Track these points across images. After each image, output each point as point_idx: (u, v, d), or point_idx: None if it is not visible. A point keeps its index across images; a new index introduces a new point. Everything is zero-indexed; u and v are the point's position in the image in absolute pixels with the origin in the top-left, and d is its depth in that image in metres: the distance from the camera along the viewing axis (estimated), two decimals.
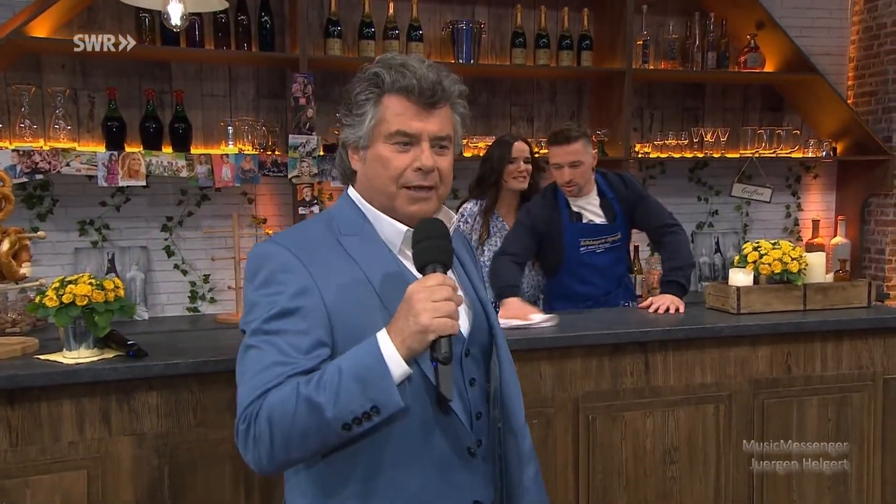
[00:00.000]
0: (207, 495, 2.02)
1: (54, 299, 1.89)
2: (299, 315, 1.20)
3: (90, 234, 3.56)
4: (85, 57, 3.44)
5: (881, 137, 4.42)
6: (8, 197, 1.93)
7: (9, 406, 1.84)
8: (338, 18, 3.70)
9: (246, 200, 3.78)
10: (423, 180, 1.28)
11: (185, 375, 1.99)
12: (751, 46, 4.29)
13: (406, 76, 1.25)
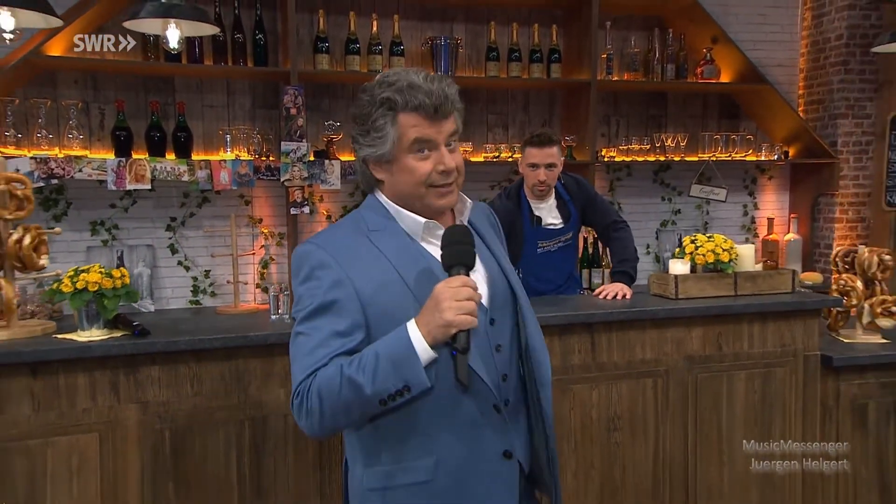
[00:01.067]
0: (203, 456, 2.24)
1: (69, 285, 2.12)
2: (336, 305, 1.34)
3: (101, 234, 3.77)
4: (95, 72, 3.66)
5: (828, 142, 4.64)
6: (29, 198, 2.15)
7: (31, 377, 2.07)
8: (326, 35, 3.90)
9: (243, 202, 3.99)
10: (447, 179, 1.40)
11: (184, 351, 2.21)
12: (707, 59, 4.51)
13: (417, 97, 1.34)
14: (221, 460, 2.26)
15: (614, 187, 4.69)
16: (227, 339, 2.26)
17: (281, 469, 2.30)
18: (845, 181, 4.65)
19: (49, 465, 2.08)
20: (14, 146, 3.37)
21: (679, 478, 2.70)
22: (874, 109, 4.60)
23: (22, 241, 2.14)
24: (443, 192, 1.42)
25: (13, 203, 2.13)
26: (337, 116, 4.01)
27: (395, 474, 1.39)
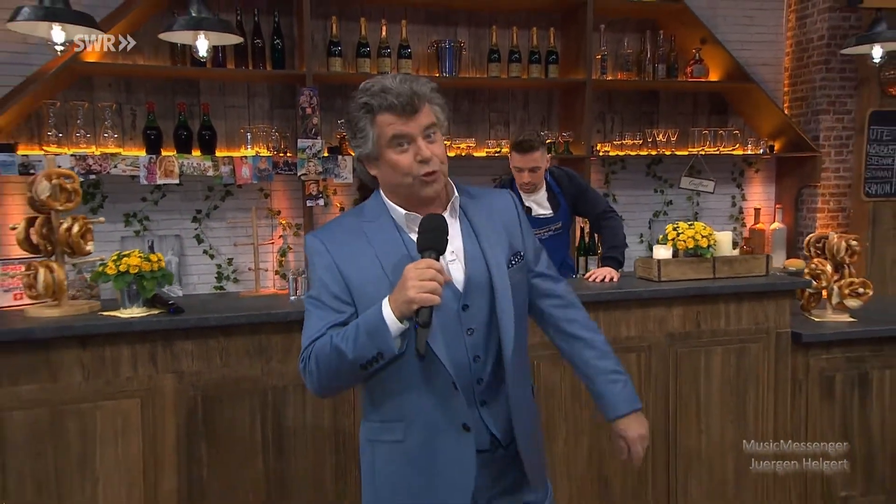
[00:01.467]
0: (231, 420, 2.44)
1: (113, 268, 2.33)
2: (328, 286, 1.49)
3: (133, 225, 3.99)
4: (128, 76, 3.87)
5: (811, 137, 4.78)
6: (77, 191, 2.36)
7: (81, 349, 2.28)
8: (339, 40, 4.09)
9: (262, 195, 4.19)
10: (428, 167, 1.46)
11: (213, 327, 2.41)
12: (696, 59, 4.66)
13: (387, 98, 1.44)
14: (247, 424, 2.46)
15: (609, 180, 4.86)
16: (251, 317, 2.46)
17: (300, 432, 2.50)
18: (827, 173, 4.80)
19: (98, 427, 2.29)
20: (56, 145, 3.58)
21: (661, 443, 2.88)
22: (854, 105, 4.74)
23: (71, 230, 2.36)
24: (427, 180, 1.48)
25: (63, 196, 2.34)
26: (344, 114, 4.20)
27: (379, 430, 1.55)
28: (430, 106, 1.50)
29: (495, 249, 1.58)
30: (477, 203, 1.62)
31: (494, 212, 1.64)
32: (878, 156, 4.67)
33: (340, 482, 2.54)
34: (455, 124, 4.46)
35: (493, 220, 1.62)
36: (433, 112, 1.50)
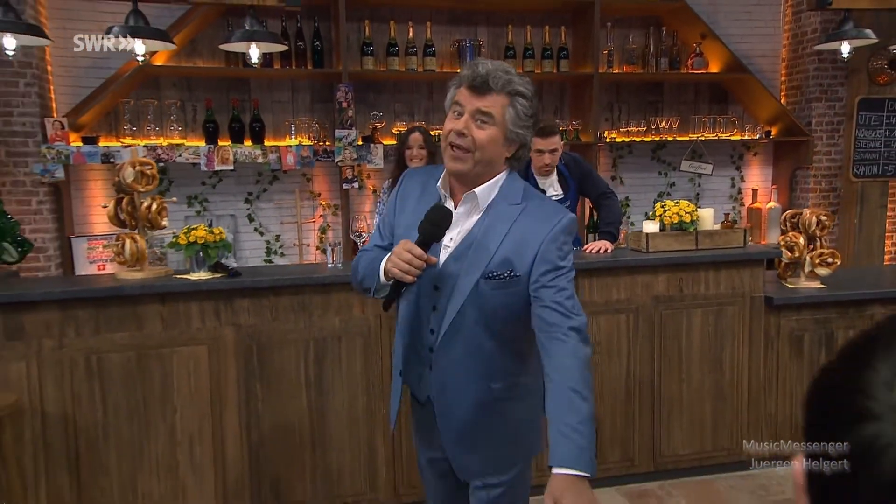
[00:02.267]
0: (280, 365, 2.82)
1: (184, 239, 2.72)
2: (385, 217, 1.71)
3: (195, 206, 4.40)
4: (189, 77, 4.26)
5: (804, 123, 4.96)
6: (155, 176, 2.74)
7: (161, 304, 2.67)
8: (371, 41, 4.41)
9: (305, 179, 4.55)
10: (458, 140, 1.48)
11: (265, 288, 2.78)
12: (696, 53, 4.87)
13: (469, 72, 1.50)
14: (293, 369, 2.83)
15: (617, 164, 5.11)
16: (296, 279, 2.83)
17: (336, 376, 2.87)
18: (819, 156, 4.97)
19: (175, 368, 2.69)
20: (130, 137, 4.00)
21: (647, 390, 3.18)
22: (845, 93, 4.90)
23: (151, 208, 2.74)
24: (454, 155, 1.51)
25: (144, 180, 2.72)
26: (380, 108, 4.54)
27: (396, 354, 1.75)
28: (510, 102, 1.49)
29: (481, 256, 1.54)
30: (513, 212, 1.55)
31: (528, 228, 1.54)
32: (865, 140, 4.83)
33: (371, 417, 2.90)
34: None
35: (511, 233, 1.54)
36: (503, 107, 1.49)
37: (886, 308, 3.30)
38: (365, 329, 2.87)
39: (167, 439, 2.70)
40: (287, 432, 2.82)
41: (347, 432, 2.89)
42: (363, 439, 2.90)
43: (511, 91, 1.49)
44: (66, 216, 4.03)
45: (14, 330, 2.52)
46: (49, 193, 3.91)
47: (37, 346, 2.55)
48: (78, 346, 2.59)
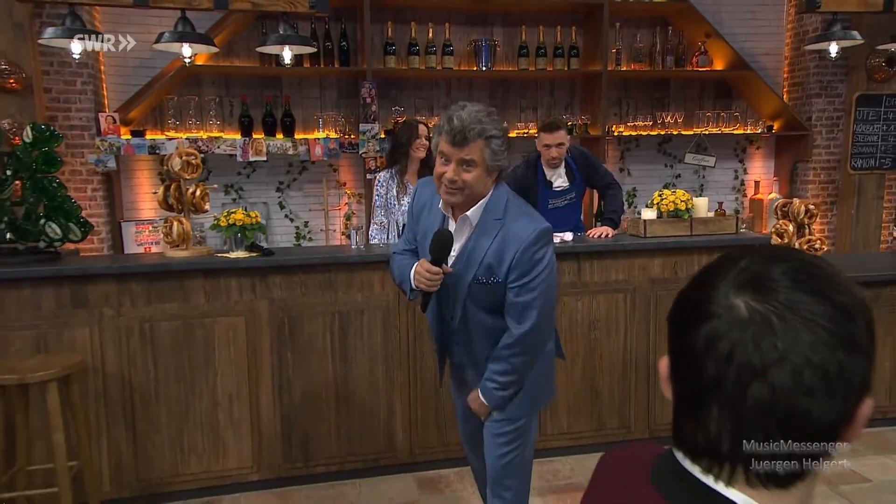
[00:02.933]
0: (309, 335, 3.06)
1: (224, 221, 2.97)
2: (409, 223, 2.15)
3: (231, 194, 4.66)
4: (227, 75, 4.52)
5: (804, 118, 5.07)
6: (199, 165, 3.00)
7: (204, 279, 2.93)
8: (393, 41, 4.62)
9: (331, 170, 4.80)
10: (451, 185, 1.83)
11: (296, 266, 3.03)
12: (701, 51, 5.00)
13: (448, 127, 1.78)
14: (319, 339, 3.08)
15: (625, 156, 5.27)
16: (323, 259, 3.07)
17: (358, 346, 3.11)
18: (818, 150, 5.09)
19: (216, 335, 2.95)
20: (174, 130, 4.27)
21: (642, 364, 3.38)
22: (844, 90, 5.00)
23: (195, 193, 3.00)
24: (447, 190, 1.86)
25: (189, 168, 2.98)
26: (401, 103, 4.76)
27: (432, 334, 2.22)
28: (485, 145, 1.79)
29: (472, 265, 1.92)
30: (495, 226, 1.89)
31: (505, 240, 1.88)
32: (863, 134, 4.93)
33: (389, 384, 3.14)
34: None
35: (493, 245, 1.89)
36: (482, 150, 1.79)
37: (868, 290, 3.44)
38: (384, 304, 3.10)
39: (209, 399, 2.98)
40: (314, 396, 3.08)
41: (368, 397, 3.13)
42: (382, 404, 3.15)
43: (485, 137, 1.78)
44: (116, 202, 4.33)
45: (79, 300, 2.81)
46: (102, 182, 4.21)
47: (98, 314, 2.83)
48: (133, 315, 2.86)
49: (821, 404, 0.64)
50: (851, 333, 0.65)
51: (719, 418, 0.67)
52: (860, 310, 0.67)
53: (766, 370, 0.64)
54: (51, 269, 2.79)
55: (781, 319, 0.65)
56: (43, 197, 2.85)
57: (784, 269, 0.69)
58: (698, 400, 0.69)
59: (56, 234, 2.86)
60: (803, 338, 0.64)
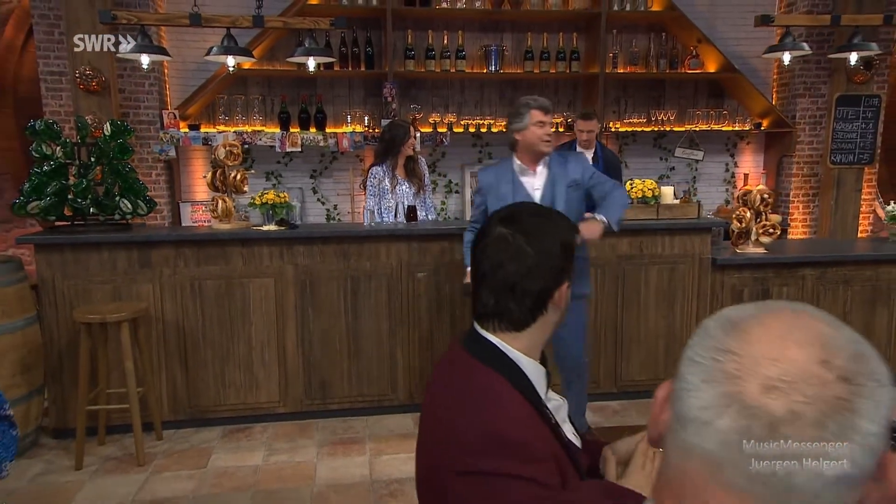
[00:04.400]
0: (327, 295, 3.62)
1: (259, 200, 3.55)
2: (478, 208, 2.89)
3: (271, 180, 5.27)
4: (269, 77, 5.11)
5: (789, 116, 5.36)
6: (240, 154, 3.58)
7: (242, 247, 3.52)
8: (412, 46, 5.12)
9: (358, 160, 5.34)
10: (548, 138, 2.80)
11: (316, 237, 3.57)
12: (693, 55, 5.34)
13: (539, 104, 2.81)
14: (335, 298, 3.63)
15: (623, 150, 5.66)
16: (338, 232, 3.61)
17: (367, 305, 3.65)
18: (801, 146, 5.37)
19: (251, 293, 3.54)
20: (224, 125, 4.89)
21: (611, 329, 3.82)
22: (826, 90, 5.27)
23: (236, 178, 3.59)
24: (546, 144, 2.82)
25: (231, 157, 3.57)
26: (420, 101, 5.26)
27: None
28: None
29: (559, 181, 2.87)
30: (560, 160, 2.90)
31: (569, 164, 2.91)
32: (843, 131, 5.20)
33: (392, 337, 3.68)
34: (500, 107, 5.43)
35: (565, 168, 2.89)
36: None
37: (814, 269, 3.81)
38: (389, 272, 3.63)
39: (245, 344, 3.57)
40: (330, 345, 3.64)
41: (375, 348, 3.67)
42: (386, 354, 3.69)
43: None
44: (176, 185, 4.98)
45: (145, 261, 3.43)
46: (164, 168, 4.86)
47: (159, 272, 3.45)
48: (185, 274, 3.48)
49: (531, 283, 1.14)
50: (547, 249, 1.15)
51: (487, 293, 1.18)
52: (554, 238, 1.16)
53: (503, 264, 1.15)
54: (123, 237, 3.42)
55: (513, 237, 1.15)
56: (118, 179, 3.48)
57: (523, 211, 1.19)
58: (479, 284, 1.20)
59: (128, 209, 3.49)
60: (522, 248, 1.14)
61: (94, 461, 3.24)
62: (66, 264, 3.36)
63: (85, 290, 3.38)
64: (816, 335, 0.55)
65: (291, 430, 3.58)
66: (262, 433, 3.54)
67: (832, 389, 0.51)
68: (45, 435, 3.52)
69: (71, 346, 3.36)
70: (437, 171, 5.47)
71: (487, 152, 5.52)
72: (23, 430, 3.28)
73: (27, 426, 3.32)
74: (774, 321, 0.57)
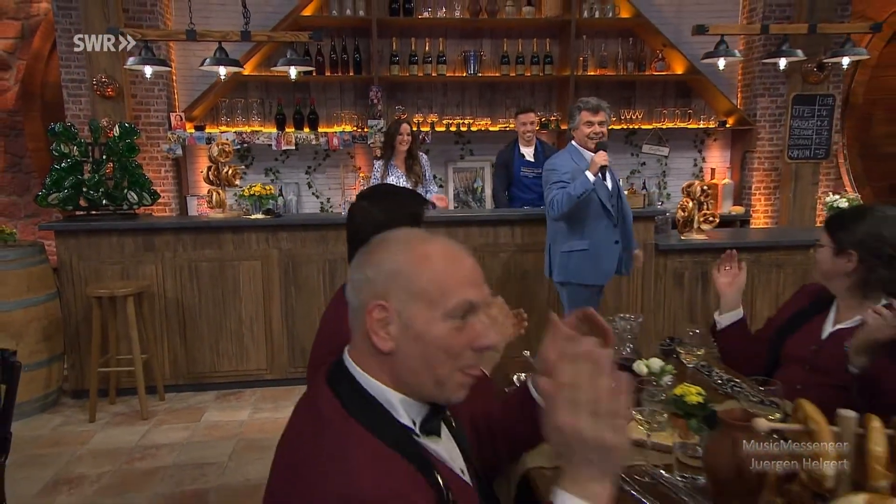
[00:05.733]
0: (306, 276, 4.09)
1: (247, 192, 4.04)
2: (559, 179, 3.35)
3: (270, 175, 5.76)
4: (267, 82, 5.60)
5: (750, 115, 5.70)
6: (231, 151, 4.07)
7: (232, 233, 4.00)
8: (397, 53, 5.57)
9: (349, 157, 5.81)
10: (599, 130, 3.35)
11: (297, 225, 4.05)
12: (659, 58, 5.71)
13: (587, 104, 3.32)
14: (314, 279, 4.10)
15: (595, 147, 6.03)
16: (317, 220, 4.09)
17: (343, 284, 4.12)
18: (762, 142, 5.71)
19: (241, 273, 4.03)
20: (226, 126, 5.39)
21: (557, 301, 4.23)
22: (785, 91, 5.60)
23: (228, 172, 4.09)
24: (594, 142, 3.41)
25: (223, 155, 4.06)
26: (405, 103, 5.71)
27: (575, 244, 3.33)
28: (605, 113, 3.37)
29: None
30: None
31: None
32: (799, 128, 5.52)
33: None
34: (480, 108, 5.86)
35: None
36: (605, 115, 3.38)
37: (750, 254, 4.18)
38: None
39: (236, 319, 4.06)
40: (310, 320, 4.11)
41: None
42: None
43: (605, 110, 3.39)
44: (182, 181, 5.50)
45: (149, 245, 3.94)
46: (172, 166, 5.38)
47: (161, 255, 3.96)
48: (184, 257, 3.98)
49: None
50: (394, 219, 1.60)
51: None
52: (401, 214, 1.61)
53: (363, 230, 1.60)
54: (130, 224, 3.93)
55: (371, 209, 1.60)
56: (126, 174, 4.00)
57: (379, 190, 1.64)
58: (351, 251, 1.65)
59: (134, 200, 4.00)
60: (376, 216, 1.59)
61: (105, 416, 3.76)
62: (82, 248, 3.88)
63: (97, 270, 3.90)
64: None
65: (277, 394, 4.06)
66: (250, 396, 4.04)
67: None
68: (65, 396, 4.05)
69: (86, 318, 3.88)
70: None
71: (469, 149, 5.94)
72: (44, 391, 3.82)
73: (49, 387, 3.86)
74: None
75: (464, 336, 0.96)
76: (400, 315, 0.95)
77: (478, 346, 0.97)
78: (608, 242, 3.40)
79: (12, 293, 3.64)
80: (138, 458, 3.23)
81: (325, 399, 0.99)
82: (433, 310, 0.95)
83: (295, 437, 1.00)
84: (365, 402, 0.98)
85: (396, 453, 0.94)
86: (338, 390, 0.99)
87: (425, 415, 1.01)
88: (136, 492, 2.91)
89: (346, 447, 0.92)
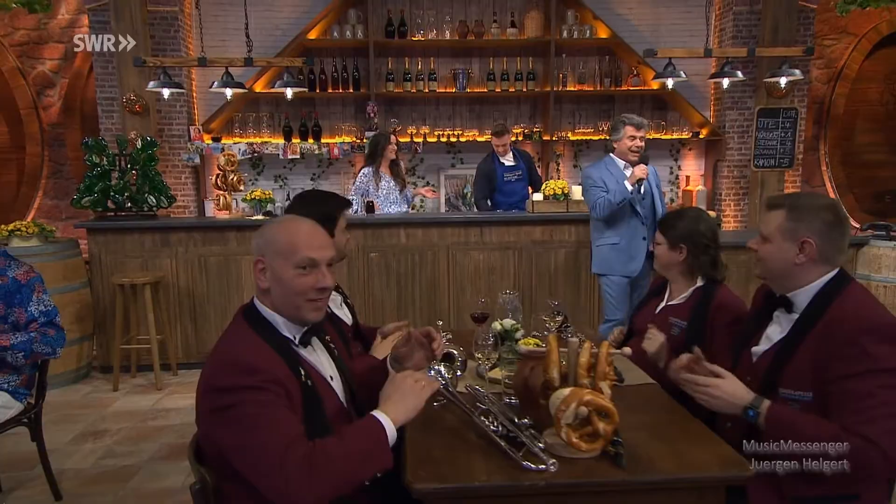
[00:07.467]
0: None
1: (250, 196, 4.68)
2: (600, 187, 3.85)
3: (279, 182, 6.42)
4: (275, 98, 6.26)
5: (721, 126, 6.15)
6: (236, 161, 4.72)
7: (237, 231, 4.63)
8: (392, 71, 6.17)
9: (349, 165, 6.43)
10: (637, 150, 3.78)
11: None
12: (634, 74, 6.20)
13: (633, 122, 3.73)
14: None
15: (577, 155, 6.55)
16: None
17: None
18: (731, 152, 6.14)
19: (243, 268, 4.65)
20: (239, 137, 6.07)
21: (527, 300, 4.72)
22: (752, 104, 6.03)
23: (234, 179, 4.74)
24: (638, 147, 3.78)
25: (229, 164, 4.71)
26: (399, 117, 6.31)
27: (607, 239, 3.84)
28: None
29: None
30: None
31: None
32: (764, 139, 5.94)
33: None
34: (469, 120, 6.42)
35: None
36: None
37: None
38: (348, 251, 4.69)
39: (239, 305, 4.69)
40: None
41: None
42: None
43: (646, 127, 3.84)
44: (200, 187, 6.20)
45: (165, 241, 4.61)
46: (191, 173, 6.08)
47: (175, 250, 4.62)
48: (195, 252, 4.63)
49: None
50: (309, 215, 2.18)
51: None
52: (329, 208, 2.20)
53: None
54: (149, 223, 4.60)
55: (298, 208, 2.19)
56: (146, 181, 4.68)
57: (307, 195, 2.23)
58: None
59: (153, 203, 4.68)
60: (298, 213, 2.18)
61: (126, 386, 4.43)
62: (109, 243, 4.57)
63: (121, 263, 4.58)
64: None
65: None
66: None
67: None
68: (94, 371, 4.74)
69: (111, 304, 4.56)
70: (417, 175, 6.50)
71: (459, 158, 6.51)
72: (75, 366, 4.51)
73: (80, 362, 4.55)
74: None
75: (308, 279, 1.53)
76: (270, 266, 1.53)
77: (318, 287, 1.54)
78: (636, 238, 3.80)
79: (51, 281, 4.32)
80: (151, 419, 3.88)
81: (237, 320, 1.57)
82: (287, 262, 1.52)
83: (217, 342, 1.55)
84: (260, 319, 1.54)
85: (272, 348, 1.46)
86: (245, 314, 1.57)
87: (302, 333, 1.57)
88: (148, 442, 3.55)
89: (238, 339, 1.49)
